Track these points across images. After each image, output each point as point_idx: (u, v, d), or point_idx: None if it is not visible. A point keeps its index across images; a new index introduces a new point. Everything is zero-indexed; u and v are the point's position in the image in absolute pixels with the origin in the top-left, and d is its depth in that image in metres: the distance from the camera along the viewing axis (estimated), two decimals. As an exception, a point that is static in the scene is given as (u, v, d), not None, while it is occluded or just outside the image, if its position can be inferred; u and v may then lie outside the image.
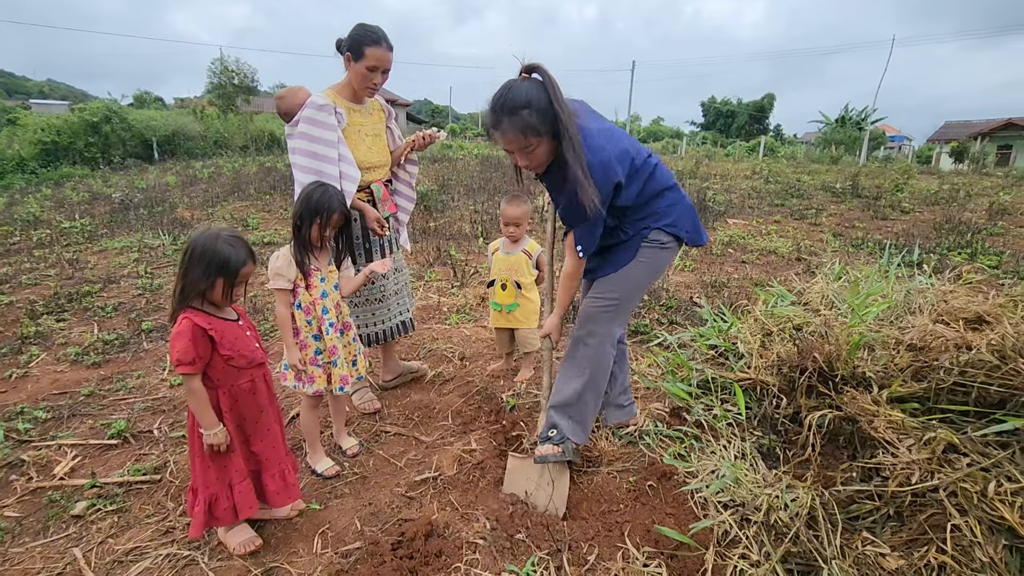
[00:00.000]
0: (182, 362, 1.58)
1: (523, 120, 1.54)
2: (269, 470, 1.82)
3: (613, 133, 1.74)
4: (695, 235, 1.96)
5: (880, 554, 1.52)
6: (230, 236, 1.65)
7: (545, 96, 1.55)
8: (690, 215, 1.95)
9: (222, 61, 20.78)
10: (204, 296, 1.64)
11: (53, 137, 16.01)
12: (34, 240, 6.91)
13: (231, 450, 1.72)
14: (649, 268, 1.94)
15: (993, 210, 7.71)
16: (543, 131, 1.56)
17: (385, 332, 2.70)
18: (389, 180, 2.67)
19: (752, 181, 11.73)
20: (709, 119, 46.51)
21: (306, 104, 2.27)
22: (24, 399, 2.90)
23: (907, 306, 2.93)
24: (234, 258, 1.62)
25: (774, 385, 2.30)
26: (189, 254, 1.61)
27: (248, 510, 1.76)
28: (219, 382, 1.68)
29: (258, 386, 1.78)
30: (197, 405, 1.63)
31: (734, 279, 4.81)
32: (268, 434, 1.82)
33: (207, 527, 1.76)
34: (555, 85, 1.57)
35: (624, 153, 1.72)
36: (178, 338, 1.58)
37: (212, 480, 1.71)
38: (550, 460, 1.92)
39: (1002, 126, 27.97)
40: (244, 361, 1.72)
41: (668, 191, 1.90)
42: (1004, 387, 1.73)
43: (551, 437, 1.97)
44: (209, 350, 1.64)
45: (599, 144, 1.64)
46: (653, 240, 1.89)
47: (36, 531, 1.95)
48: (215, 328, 1.64)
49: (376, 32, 2.25)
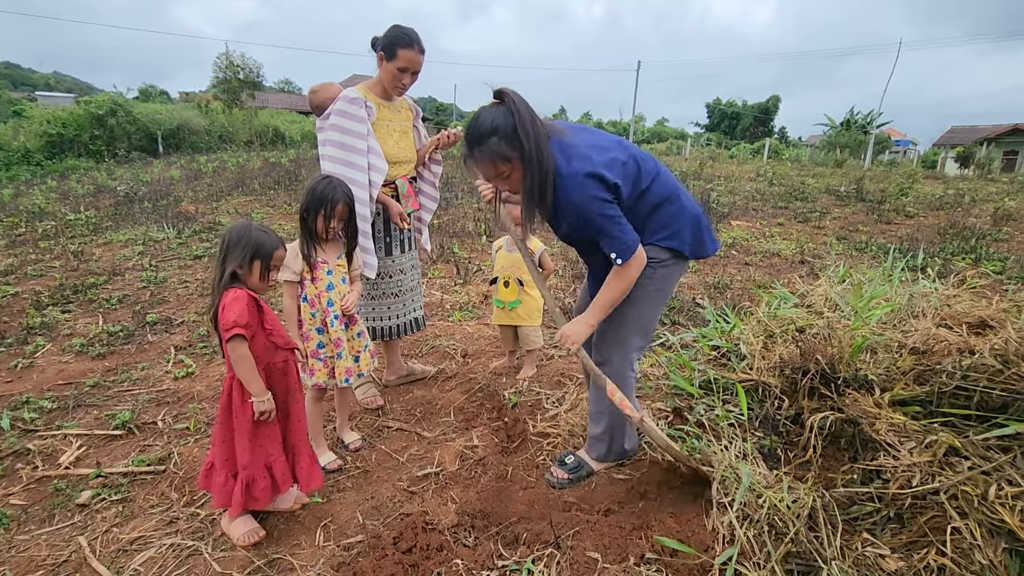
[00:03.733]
0: (239, 324, 1.62)
1: (491, 148, 1.54)
2: (289, 452, 1.87)
3: (603, 147, 1.67)
4: (697, 247, 1.83)
5: (880, 555, 1.53)
6: (261, 225, 1.77)
7: (511, 121, 1.52)
8: (692, 226, 1.81)
9: (227, 56, 20.82)
10: (243, 282, 1.73)
11: (59, 129, 16.06)
12: (39, 232, 6.94)
13: (272, 423, 1.78)
14: (652, 289, 1.82)
15: (998, 215, 7.69)
16: (512, 156, 1.54)
17: (397, 327, 2.74)
18: (414, 178, 2.72)
19: (756, 183, 11.72)
20: (714, 120, 46.41)
21: (338, 97, 2.36)
22: (30, 389, 2.92)
23: (910, 309, 2.92)
24: (268, 242, 1.73)
25: (776, 386, 2.30)
26: (226, 243, 1.72)
27: (287, 483, 1.82)
28: (258, 358, 1.73)
29: (290, 367, 1.85)
30: (247, 371, 1.67)
31: (737, 280, 4.82)
32: (291, 417, 1.87)
33: (246, 508, 1.78)
34: (521, 109, 1.54)
35: (614, 161, 1.64)
36: (235, 303, 1.64)
37: (249, 461, 1.74)
38: (555, 484, 1.99)
39: (1008, 131, 27.86)
40: (282, 340, 1.80)
41: (668, 204, 1.77)
42: (1006, 391, 1.73)
43: (566, 463, 2.04)
44: (257, 321, 1.72)
45: (585, 155, 1.60)
46: (651, 258, 1.75)
47: (42, 519, 1.97)
48: (261, 302, 1.74)
49: (410, 35, 2.32)
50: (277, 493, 1.82)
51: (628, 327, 1.86)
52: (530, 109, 1.56)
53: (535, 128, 1.53)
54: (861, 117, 30.12)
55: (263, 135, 19.68)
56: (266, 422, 1.76)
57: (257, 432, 1.76)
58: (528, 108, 1.55)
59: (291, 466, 1.87)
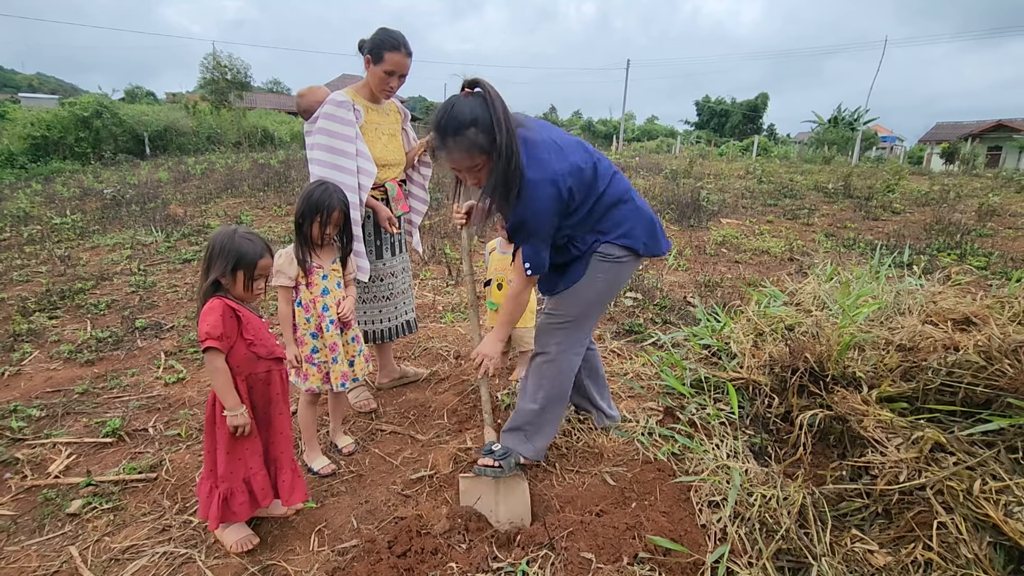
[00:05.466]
0: (211, 335, 1.61)
1: (468, 139, 1.53)
2: (270, 466, 1.85)
3: (563, 147, 1.66)
4: (653, 245, 1.86)
5: (868, 551, 1.55)
6: (246, 232, 1.73)
7: (488, 113, 1.52)
8: (646, 225, 1.85)
9: (215, 56, 20.62)
10: (227, 291, 1.70)
11: (43, 132, 15.80)
12: (25, 236, 6.84)
13: (252, 436, 1.75)
14: (604, 283, 1.85)
15: (982, 211, 7.80)
16: (489, 148, 1.54)
17: (389, 330, 2.74)
18: (403, 181, 2.72)
19: (745, 181, 11.80)
20: (703, 118, 46.64)
21: (326, 101, 2.35)
22: (17, 397, 2.88)
23: (897, 307, 2.97)
24: (251, 251, 1.69)
25: (766, 385, 2.33)
26: (209, 252, 1.69)
27: (264, 500, 1.79)
28: (238, 368, 1.71)
29: (273, 378, 1.82)
30: (222, 384, 1.66)
31: (727, 279, 4.85)
32: (272, 428, 1.85)
33: (224, 521, 1.77)
34: (496, 100, 1.54)
35: (574, 168, 1.64)
36: (208, 313, 1.63)
37: (228, 473, 1.73)
38: (487, 473, 1.87)
39: (992, 127, 28.28)
40: (264, 350, 1.77)
41: (622, 203, 1.81)
42: (990, 387, 1.77)
43: (493, 451, 1.93)
44: (235, 331, 1.69)
45: (543, 158, 1.58)
46: (607, 254, 1.81)
47: (32, 529, 1.95)
48: (242, 312, 1.71)
49: (397, 38, 2.32)
50: (256, 507, 1.80)
51: (569, 318, 1.88)
52: (503, 102, 1.55)
53: (507, 122, 1.53)
54: (848, 114, 30.40)
55: (252, 136, 19.50)
56: (244, 435, 1.74)
57: (236, 445, 1.74)
58: (502, 101, 1.54)
59: (272, 480, 1.85)
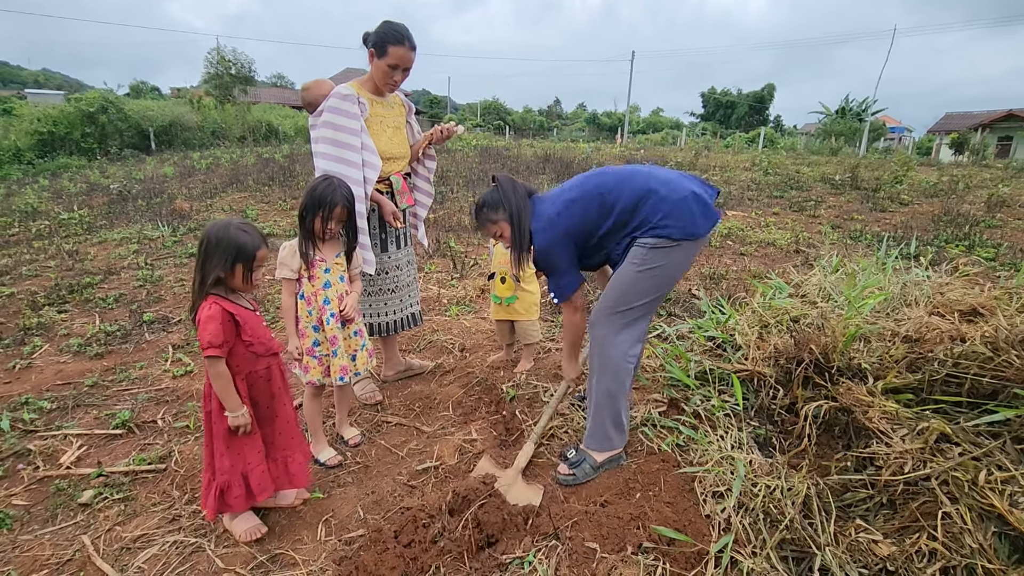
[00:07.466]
0: (213, 345, 1.62)
1: (485, 216, 2.09)
2: (279, 455, 1.88)
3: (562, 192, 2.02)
4: (690, 226, 1.83)
5: (873, 541, 1.56)
6: (241, 223, 1.72)
7: (497, 196, 2.05)
8: (676, 210, 1.83)
9: (219, 51, 20.60)
10: (225, 284, 1.70)
11: (50, 127, 15.90)
12: (33, 231, 6.90)
13: (252, 433, 1.77)
14: (644, 271, 1.87)
15: (992, 202, 7.72)
16: (501, 218, 2.05)
17: (395, 323, 2.74)
18: (408, 174, 2.72)
19: (751, 173, 11.72)
20: (709, 110, 46.30)
21: (331, 94, 2.35)
22: (28, 389, 2.92)
23: (903, 298, 2.95)
24: (249, 243, 1.69)
25: (771, 376, 2.33)
26: (205, 245, 1.68)
27: (264, 492, 1.81)
28: (238, 368, 1.73)
29: (273, 373, 1.84)
30: (223, 388, 1.68)
31: (732, 271, 4.84)
32: (279, 419, 1.88)
33: (220, 512, 1.81)
34: (504, 186, 2.05)
35: (565, 204, 1.96)
36: (209, 322, 1.63)
37: (226, 467, 1.75)
38: (562, 481, 2.05)
39: (1003, 117, 27.85)
40: (262, 348, 1.78)
41: (642, 203, 1.85)
42: (996, 378, 1.76)
43: (568, 458, 2.10)
44: (234, 335, 1.70)
45: (543, 210, 2.00)
46: (641, 243, 1.87)
47: (44, 519, 1.98)
48: (240, 314, 1.71)
49: (401, 32, 2.31)
50: (253, 501, 1.82)
51: (612, 300, 1.99)
52: (512, 183, 2.06)
53: (516, 197, 2.03)
54: (856, 105, 30.10)
55: (256, 130, 19.53)
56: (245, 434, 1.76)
57: (234, 440, 1.77)
58: (511, 183, 2.06)
59: (285, 467, 1.88)
